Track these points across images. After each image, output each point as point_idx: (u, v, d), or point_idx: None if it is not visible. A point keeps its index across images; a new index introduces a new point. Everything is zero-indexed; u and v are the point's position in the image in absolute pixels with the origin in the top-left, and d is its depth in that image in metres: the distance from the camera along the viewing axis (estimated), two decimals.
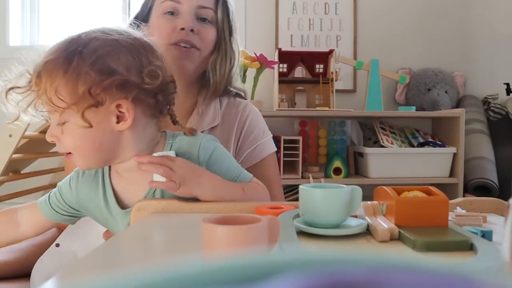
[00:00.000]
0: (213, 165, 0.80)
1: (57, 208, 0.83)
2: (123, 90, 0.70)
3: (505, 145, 2.13)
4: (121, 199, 0.80)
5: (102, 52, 0.69)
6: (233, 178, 0.82)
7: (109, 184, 0.80)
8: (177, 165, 0.74)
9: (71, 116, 0.70)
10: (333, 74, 2.07)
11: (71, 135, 0.72)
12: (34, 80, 0.70)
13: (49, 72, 0.69)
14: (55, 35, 2.62)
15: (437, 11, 2.43)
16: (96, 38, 0.71)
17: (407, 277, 0.15)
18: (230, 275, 0.16)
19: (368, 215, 0.63)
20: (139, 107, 0.73)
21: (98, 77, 0.68)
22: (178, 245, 0.59)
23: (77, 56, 0.69)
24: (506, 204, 0.71)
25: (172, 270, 0.16)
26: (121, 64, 0.70)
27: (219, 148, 0.83)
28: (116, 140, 0.74)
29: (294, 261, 0.17)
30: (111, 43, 0.71)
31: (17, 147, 1.75)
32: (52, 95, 0.69)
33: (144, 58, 0.73)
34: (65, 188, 0.83)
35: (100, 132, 0.72)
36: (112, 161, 0.77)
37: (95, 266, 0.50)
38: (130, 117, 0.72)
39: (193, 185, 0.74)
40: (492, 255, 0.48)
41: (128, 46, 0.72)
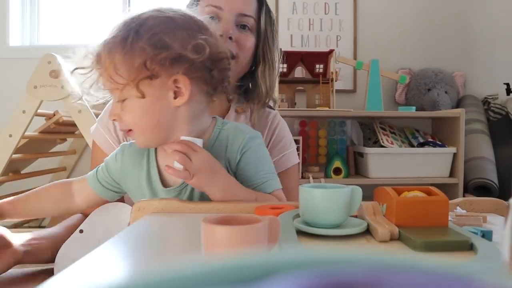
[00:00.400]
0: (243, 164, 0.81)
1: (103, 182, 0.85)
2: (176, 64, 0.74)
3: (505, 145, 2.13)
4: (164, 177, 0.82)
5: (157, 29, 0.73)
6: (255, 184, 0.81)
7: (154, 161, 0.82)
8: (196, 156, 0.74)
9: (130, 93, 0.74)
10: (333, 74, 2.07)
11: (131, 112, 0.75)
12: (96, 59, 0.74)
13: (108, 51, 0.73)
14: (55, 35, 2.62)
15: (437, 11, 2.43)
16: (151, 17, 0.75)
17: (407, 277, 0.15)
18: (230, 275, 0.16)
19: (368, 215, 0.63)
20: (194, 83, 0.76)
21: (152, 51, 0.71)
22: (178, 245, 0.59)
23: (133, 34, 0.73)
24: (506, 204, 0.71)
25: (172, 270, 0.16)
26: (176, 40, 0.73)
27: (256, 149, 0.83)
28: (173, 117, 0.77)
29: (294, 261, 0.17)
30: (165, 20, 0.75)
31: (17, 147, 1.76)
32: (112, 72, 0.73)
33: (198, 34, 0.75)
34: (111, 160, 0.86)
35: (158, 108, 0.75)
36: (168, 139, 0.79)
37: (96, 266, 0.50)
38: (187, 91, 0.75)
39: (205, 181, 0.75)
40: (492, 255, 0.48)
41: (182, 23, 0.76)
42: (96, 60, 0.75)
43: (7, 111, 1.81)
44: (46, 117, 1.94)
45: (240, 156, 0.81)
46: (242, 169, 0.81)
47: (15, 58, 2.45)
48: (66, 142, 2.30)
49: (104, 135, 1.01)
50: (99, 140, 1.02)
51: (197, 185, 0.76)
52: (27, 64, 1.89)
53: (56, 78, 1.69)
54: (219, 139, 0.82)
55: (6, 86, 2.38)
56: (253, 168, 0.81)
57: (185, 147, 0.74)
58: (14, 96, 1.84)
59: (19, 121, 1.72)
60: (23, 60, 2.37)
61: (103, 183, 0.85)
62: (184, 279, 0.16)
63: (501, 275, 0.16)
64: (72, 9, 2.63)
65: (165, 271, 0.16)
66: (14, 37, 2.52)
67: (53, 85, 1.69)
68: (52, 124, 1.91)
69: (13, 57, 2.46)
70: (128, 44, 0.72)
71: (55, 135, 2.08)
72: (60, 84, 1.69)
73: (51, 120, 1.91)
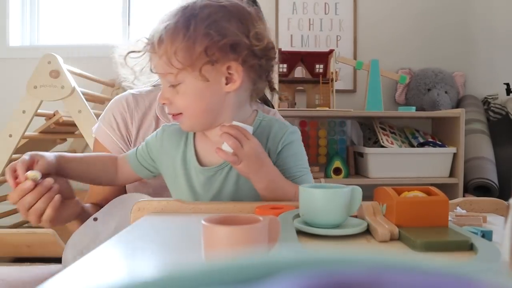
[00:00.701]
0: (283, 156, 0.84)
1: (141, 159, 0.88)
2: (235, 51, 0.76)
3: (505, 145, 2.13)
4: (200, 158, 0.84)
5: (215, 16, 0.76)
6: (294, 176, 0.84)
7: (192, 143, 0.85)
8: (248, 143, 0.75)
9: (186, 77, 0.77)
10: (333, 74, 2.07)
11: (184, 95, 0.78)
12: (156, 43, 0.76)
13: (169, 35, 0.75)
14: (55, 35, 2.62)
15: (437, 11, 2.43)
16: (208, 5, 0.77)
17: (407, 277, 0.15)
18: (230, 275, 0.16)
19: (368, 215, 0.63)
20: (245, 70, 0.79)
21: (213, 38, 0.74)
22: (178, 245, 0.59)
23: (193, 20, 0.75)
24: (506, 204, 0.71)
25: (172, 270, 0.16)
26: (232, 27, 0.76)
27: (296, 144, 0.86)
28: (221, 102, 0.80)
29: (294, 261, 0.17)
30: (221, 9, 0.78)
31: (17, 147, 1.76)
32: (172, 56, 0.75)
33: (250, 23, 0.79)
34: (151, 138, 0.88)
35: (211, 92, 0.78)
36: (212, 124, 0.82)
37: (96, 266, 0.50)
38: (239, 78, 0.78)
39: (252, 169, 0.77)
40: (492, 255, 0.48)
41: (236, 12, 0.78)
42: (158, 44, 0.76)
43: (7, 111, 1.81)
44: (46, 117, 1.94)
45: (282, 147, 0.83)
46: (282, 161, 0.83)
47: (15, 58, 2.45)
48: (66, 142, 2.30)
49: (108, 133, 1.02)
50: (102, 138, 1.02)
51: (243, 171, 0.77)
52: (27, 64, 1.89)
53: (56, 78, 1.69)
54: (260, 129, 0.85)
55: (6, 86, 2.37)
56: (292, 161, 0.84)
57: (238, 132, 0.75)
58: (14, 96, 1.84)
59: (19, 121, 1.72)
60: (23, 60, 2.37)
61: (141, 160, 0.88)
62: (184, 279, 0.16)
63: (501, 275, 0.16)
64: (72, 9, 2.63)
65: (165, 271, 0.16)
66: (14, 37, 2.52)
67: (53, 85, 1.69)
68: (52, 124, 1.91)
69: (13, 57, 2.46)
70: (190, 30, 0.74)
71: (55, 135, 2.08)
72: (60, 84, 1.69)
73: (51, 120, 1.91)
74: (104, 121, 1.03)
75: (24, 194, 0.76)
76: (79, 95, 1.73)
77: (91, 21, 2.60)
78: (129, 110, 1.02)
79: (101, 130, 1.03)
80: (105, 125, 1.02)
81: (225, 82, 0.78)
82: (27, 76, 1.71)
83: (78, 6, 2.62)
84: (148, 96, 1.06)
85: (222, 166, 0.82)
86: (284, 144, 0.84)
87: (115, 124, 1.01)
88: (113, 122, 1.01)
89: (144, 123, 1.03)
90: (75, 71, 1.88)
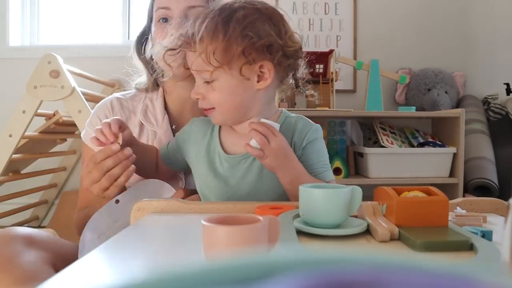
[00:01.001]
0: (307, 152, 0.88)
1: (171, 151, 0.94)
2: (269, 51, 0.81)
3: (505, 145, 2.13)
4: (225, 147, 0.90)
5: (251, 18, 0.81)
6: (317, 172, 0.88)
7: (217, 135, 0.91)
8: (275, 140, 0.80)
9: (221, 75, 0.81)
10: (333, 74, 2.07)
11: (219, 91, 0.83)
12: (197, 41, 0.80)
13: (210, 35, 0.80)
14: (55, 35, 2.62)
15: (437, 11, 2.43)
16: (243, 7, 0.82)
17: (407, 277, 0.15)
18: (230, 275, 0.16)
19: (368, 215, 0.63)
20: (276, 69, 0.84)
21: (251, 39, 0.79)
22: (178, 245, 0.59)
23: (232, 22, 0.80)
24: (506, 204, 0.71)
25: (172, 270, 0.16)
26: (267, 29, 0.81)
27: (319, 141, 0.91)
28: (252, 99, 0.85)
29: (294, 261, 0.17)
30: (256, 11, 0.82)
31: (17, 147, 1.76)
32: (210, 54, 0.79)
33: (281, 24, 0.84)
34: (181, 131, 0.95)
35: (243, 89, 0.83)
36: (242, 119, 0.88)
37: (96, 266, 0.50)
38: (270, 76, 0.83)
39: (278, 164, 0.81)
40: (492, 255, 0.48)
41: (269, 14, 0.83)
42: (198, 42, 0.80)
43: (7, 111, 1.81)
44: (46, 117, 1.94)
45: (306, 143, 0.88)
46: (306, 157, 0.87)
47: (15, 58, 2.45)
48: (66, 142, 2.30)
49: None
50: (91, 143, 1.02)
51: (270, 166, 0.81)
52: (27, 64, 1.89)
53: (56, 78, 1.69)
54: (285, 125, 0.89)
55: (6, 86, 2.37)
56: (315, 157, 0.88)
57: (266, 129, 0.80)
58: (14, 96, 1.84)
59: (19, 121, 1.72)
60: (23, 60, 2.37)
61: (171, 153, 0.94)
62: (184, 279, 0.16)
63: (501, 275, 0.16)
64: (72, 9, 2.63)
65: (165, 271, 0.16)
66: (14, 37, 2.52)
67: (53, 85, 1.69)
68: (52, 124, 1.91)
69: (13, 57, 2.46)
70: (230, 31, 0.79)
71: (55, 135, 2.08)
72: (60, 84, 1.69)
73: (51, 120, 1.91)
74: (91, 126, 1.04)
75: (109, 155, 0.82)
76: (79, 95, 1.73)
77: (91, 21, 2.60)
78: (114, 113, 1.05)
79: (89, 135, 1.03)
80: (92, 130, 1.01)
81: (256, 79, 0.83)
82: (27, 76, 1.71)
83: (78, 6, 2.62)
84: (133, 100, 1.08)
85: (246, 156, 0.86)
86: (309, 140, 0.88)
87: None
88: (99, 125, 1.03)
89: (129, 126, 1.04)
90: (75, 71, 1.88)
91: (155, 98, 1.09)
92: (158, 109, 1.07)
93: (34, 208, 2.32)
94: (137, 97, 1.09)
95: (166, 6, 1.00)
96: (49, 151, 2.27)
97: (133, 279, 0.16)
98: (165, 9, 1.00)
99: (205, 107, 0.86)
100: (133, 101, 1.08)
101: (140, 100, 1.09)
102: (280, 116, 0.92)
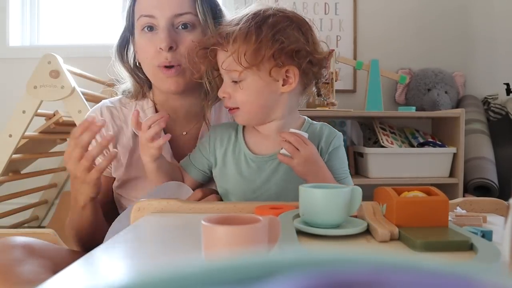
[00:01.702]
0: (332, 158, 0.91)
1: (197, 163, 0.95)
2: (298, 57, 0.84)
3: (505, 145, 2.13)
4: (250, 148, 0.92)
5: (282, 25, 0.84)
6: (339, 177, 0.92)
7: (242, 135, 0.93)
8: (306, 148, 0.83)
9: (249, 75, 0.84)
10: (333, 74, 2.07)
11: (245, 92, 0.85)
12: (231, 42, 0.83)
13: (243, 37, 0.83)
14: (55, 35, 2.62)
15: (437, 11, 2.43)
16: (275, 14, 0.85)
17: (407, 277, 0.15)
18: (230, 275, 0.16)
19: (368, 215, 0.63)
20: (301, 74, 0.87)
21: (281, 43, 0.82)
22: (178, 245, 0.59)
23: (264, 26, 0.83)
24: (506, 204, 0.71)
25: (172, 270, 0.16)
26: (296, 35, 0.84)
27: (342, 148, 0.95)
28: (276, 101, 0.88)
29: (294, 261, 0.17)
30: (286, 19, 0.85)
31: (17, 147, 1.75)
32: (241, 55, 0.82)
33: (309, 34, 0.88)
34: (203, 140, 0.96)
35: (269, 91, 0.86)
36: (265, 120, 0.90)
37: (96, 266, 0.50)
38: (295, 81, 0.86)
39: (308, 171, 0.84)
40: (492, 255, 0.48)
41: (299, 23, 0.87)
42: (232, 42, 0.83)
43: (7, 111, 1.81)
44: (46, 117, 1.94)
45: (332, 149, 0.92)
46: (331, 162, 0.91)
47: (15, 58, 2.45)
48: (66, 142, 2.30)
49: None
50: None
51: (300, 172, 0.84)
52: (27, 64, 1.89)
53: (56, 78, 1.69)
54: (311, 132, 0.91)
55: (6, 86, 2.37)
56: (338, 163, 0.92)
57: (297, 138, 0.84)
58: (14, 96, 1.84)
59: (19, 121, 1.71)
60: (23, 60, 2.36)
61: (195, 162, 0.94)
62: (184, 279, 0.16)
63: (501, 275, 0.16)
64: (72, 9, 2.63)
65: (165, 271, 0.16)
66: (14, 37, 2.52)
67: (53, 85, 1.69)
68: (52, 124, 1.91)
69: (13, 57, 2.46)
70: (262, 35, 0.82)
71: (55, 135, 2.08)
72: (60, 84, 1.69)
73: (51, 120, 1.91)
74: None
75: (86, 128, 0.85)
76: (79, 95, 1.73)
77: (91, 21, 2.60)
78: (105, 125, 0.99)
79: None
80: None
81: (282, 83, 0.86)
82: (27, 76, 1.70)
83: (78, 6, 2.62)
84: (123, 108, 1.04)
85: (274, 157, 0.88)
86: (334, 146, 0.92)
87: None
88: None
89: (120, 139, 1.02)
90: (75, 71, 1.88)
91: (146, 106, 1.05)
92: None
93: (34, 208, 2.32)
94: (127, 104, 1.06)
95: (150, 14, 0.95)
96: (49, 151, 2.27)
97: (133, 279, 0.16)
98: (149, 17, 0.95)
99: (230, 106, 0.87)
100: (124, 109, 1.05)
101: (131, 108, 1.05)
102: (304, 124, 0.94)
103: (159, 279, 0.16)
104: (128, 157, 1.01)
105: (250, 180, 0.89)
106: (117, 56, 1.05)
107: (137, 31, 0.99)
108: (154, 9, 0.95)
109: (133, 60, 1.05)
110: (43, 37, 2.61)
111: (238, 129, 0.94)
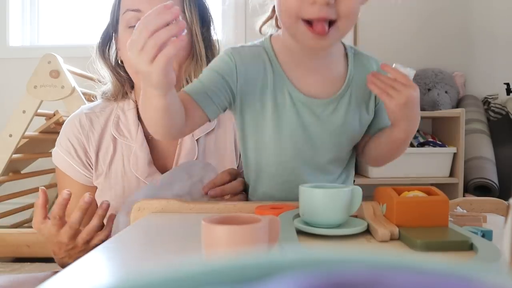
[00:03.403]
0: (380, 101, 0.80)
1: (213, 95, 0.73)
2: None
3: (505, 145, 2.13)
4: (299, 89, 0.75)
5: None
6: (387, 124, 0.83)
7: (281, 69, 0.75)
8: (408, 89, 0.73)
9: None
10: None
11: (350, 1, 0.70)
12: None
13: None
14: (55, 35, 2.62)
15: (437, 11, 2.43)
16: None
17: (407, 277, 0.15)
18: (230, 275, 0.16)
19: (368, 215, 0.63)
20: None
21: None
22: (178, 245, 0.59)
23: None
24: (506, 204, 0.71)
25: (172, 270, 0.16)
26: None
27: None
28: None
29: (294, 261, 0.17)
30: None
31: (17, 147, 1.76)
32: None
33: None
34: (222, 64, 0.75)
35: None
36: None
37: (96, 266, 0.50)
38: None
39: (404, 116, 0.74)
40: (492, 255, 0.48)
41: None
42: None
43: (7, 111, 1.81)
44: (46, 117, 1.94)
45: None
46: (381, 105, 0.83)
47: (15, 58, 2.45)
48: None
49: (68, 161, 0.97)
50: (62, 165, 0.98)
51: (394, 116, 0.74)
52: (27, 64, 1.89)
53: (56, 78, 1.69)
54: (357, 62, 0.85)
55: (6, 86, 2.37)
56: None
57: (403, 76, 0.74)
58: (14, 96, 1.84)
59: (19, 121, 1.71)
60: (23, 60, 2.36)
61: (213, 97, 0.73)
62: (184, 279, 0.16)
63: (501, 275, 0.16)
64: (72, 9, 2.63)
65: (165, 271, 0.16)
66: (14, 37, 2.52)
67: (53, 85, 1.69)
68: (52, 124, 1.91)
69: (13, 57, 2.46)
70: None
71: (55, 135, 2.07)
72: (60, 84, 1.69)
73: (51, 120, 1.91)
74: (61, 147, 0.98)
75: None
76: (79, 95, 1.73)
77: (92, 21, 2.60)
78: (84, 132, 0.97)
79: (60, 158, 0.98)
80: (63, 152, 0.98)
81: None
82: (27, 76, 1.70)
83: (78, 6, 2.62)
84: (102, 115, 1.00)
85: (332, 100, 0.76)
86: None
87: (73, 149, 0.97)
88: (70, 147, 0.97)
89: (102, 144, 0.98)
90: (75, 71, 1.88)
91: (127, 108, 0.99)
92: (131, 119, 0.98)
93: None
94: (107, 108, 1.00)
95: (137, 8, 0.90)
96: (49, 151, 2.27)
97: (133, 279, 0.16)
98: (136, 11, 0.91)
99: (329, 16, 0.69)
100: (104, 116, 1.00)
101: (110, 111, 1.00)
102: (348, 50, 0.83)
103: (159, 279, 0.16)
104: (108, 163, 0.97)
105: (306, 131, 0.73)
106: (98, 53, 1.02)
107: (121, 27, 0.96)
108: (141, 3, 0.90)
109: (115, 58, 1.01)
110: (43, 37, 2.61)
111: (271, 59, 0.75)
